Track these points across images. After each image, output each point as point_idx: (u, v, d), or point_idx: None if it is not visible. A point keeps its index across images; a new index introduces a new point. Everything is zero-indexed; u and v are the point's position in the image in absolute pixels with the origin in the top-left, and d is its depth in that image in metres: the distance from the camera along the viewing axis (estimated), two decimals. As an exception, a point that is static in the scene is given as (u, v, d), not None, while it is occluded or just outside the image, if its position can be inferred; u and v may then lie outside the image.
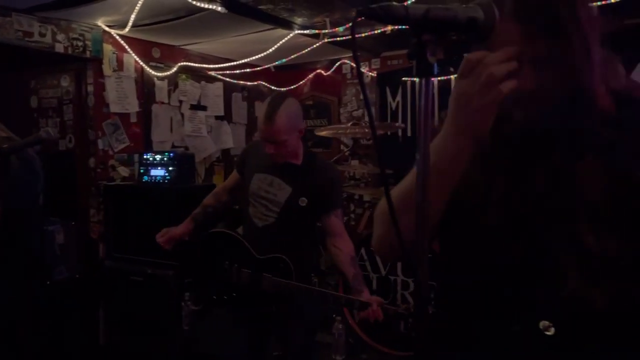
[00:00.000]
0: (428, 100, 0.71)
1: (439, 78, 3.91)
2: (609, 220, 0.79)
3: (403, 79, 4.48)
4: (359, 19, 0.65)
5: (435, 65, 0.70)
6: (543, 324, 0.83)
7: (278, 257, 2.09)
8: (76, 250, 3.61)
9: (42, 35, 3.40)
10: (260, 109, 2.24)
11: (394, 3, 0.67)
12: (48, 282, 3.36)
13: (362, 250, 3.43)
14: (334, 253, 2.11)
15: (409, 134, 4.40)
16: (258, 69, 4.75)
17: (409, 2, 2.92)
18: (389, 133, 4.47)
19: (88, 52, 3.67)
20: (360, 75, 0.68)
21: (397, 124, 4.37)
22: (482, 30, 0.73)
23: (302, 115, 2.16)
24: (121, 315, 3.48)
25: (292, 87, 5.20)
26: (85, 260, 3.70)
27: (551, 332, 0.82)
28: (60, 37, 3.50)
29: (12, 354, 2.51)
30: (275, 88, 5.02)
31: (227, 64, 4.56)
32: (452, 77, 3.98)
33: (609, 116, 0.82)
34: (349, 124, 4.01)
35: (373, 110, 4.98)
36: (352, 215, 4.87)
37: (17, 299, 2.46)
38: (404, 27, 0.73)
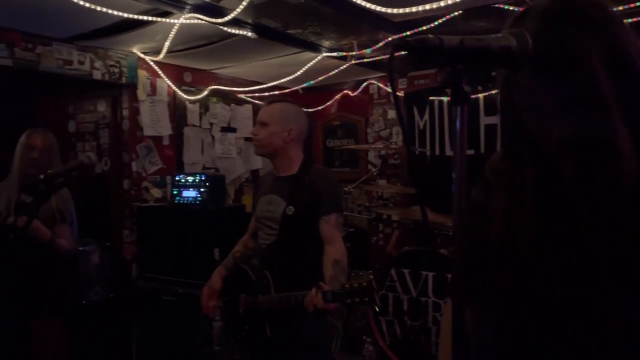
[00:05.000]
0: (464, 126, 0.73)
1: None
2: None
3: (430, 98, 4.47)
4: (397, 54, 0.67)
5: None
6: None
7: (263, 274, 2.04)
8: (110, 270, 3.69)
9: (80, 63, 3.55)
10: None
11: (429, 35, 0.69)
12: (84, 302, 3.44)
13: (392, 271, 3.39)
14: (322, 259, 2.02)
15: (436, 152, 4.37)
16: (286, 90, 4.83)
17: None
18: (417, 152, 4.46)
19: (124, 78, 3.81)
20: (397, 105, 0.70)
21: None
22: (516, 58, 0.74)
23: (302, 124, 2.27)
24: (153, 336, 3.52)
25: (319, 107, 5.26)
26: (119, 281, 3.78)
27: None
28: (97, 64, 3.65)
29: None
30: (303, 109, 5.08)
31: (256, 87, 4.65)
32: (480, 95, 3.99)
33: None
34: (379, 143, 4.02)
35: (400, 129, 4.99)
36: (381, 235, 4.85)
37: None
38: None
